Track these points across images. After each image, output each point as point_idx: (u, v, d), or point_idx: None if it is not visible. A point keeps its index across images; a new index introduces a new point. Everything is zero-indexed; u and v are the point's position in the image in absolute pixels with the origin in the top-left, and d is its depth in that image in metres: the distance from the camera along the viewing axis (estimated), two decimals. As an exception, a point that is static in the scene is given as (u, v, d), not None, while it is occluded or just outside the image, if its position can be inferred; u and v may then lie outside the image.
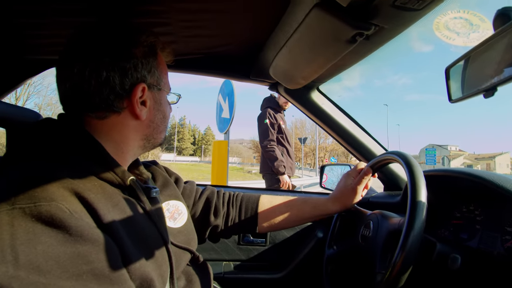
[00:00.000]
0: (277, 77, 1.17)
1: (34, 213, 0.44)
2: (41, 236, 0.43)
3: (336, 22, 0.72)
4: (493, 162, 49.99)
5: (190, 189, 0.96)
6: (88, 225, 0.48)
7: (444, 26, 0.70)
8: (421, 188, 0.70)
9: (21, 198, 0.45)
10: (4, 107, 1.00)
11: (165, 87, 0.75)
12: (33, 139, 0.60)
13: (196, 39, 1.06)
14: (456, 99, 0.66)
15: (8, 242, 0.41)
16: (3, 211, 0.44)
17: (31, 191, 0.46)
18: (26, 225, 0.43)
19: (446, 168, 0.91)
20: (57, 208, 0.46)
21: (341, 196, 0.97)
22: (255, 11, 0.88)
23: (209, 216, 0.94)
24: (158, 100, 0.72)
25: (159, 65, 0.72)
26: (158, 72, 0.71)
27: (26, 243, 0.42)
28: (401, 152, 0.83)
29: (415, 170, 0.74)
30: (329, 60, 0.90)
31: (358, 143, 1.33)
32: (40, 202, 0.45)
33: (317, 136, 43.99)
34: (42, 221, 0.44)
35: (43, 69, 1.24)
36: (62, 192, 0.49)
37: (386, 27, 0.74)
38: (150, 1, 0.81)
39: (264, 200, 1.01)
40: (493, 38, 0.53)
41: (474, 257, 0.74)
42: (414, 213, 0.67)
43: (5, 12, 0.85)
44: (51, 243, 0.43)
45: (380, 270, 0.75)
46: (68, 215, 0.46)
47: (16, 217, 0.43)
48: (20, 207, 0.44)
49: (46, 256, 0.42)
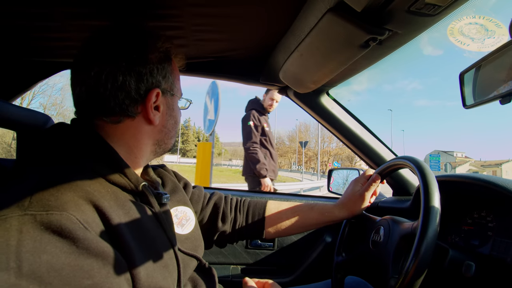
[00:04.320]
0: (287, 81, 1.18)
1: (44, 221, 0.44)
2: (47, 246, 0.43)
3: (350, 27, 0.72)
4: (500, 169, 49.36)
5: (199, 194, 0.96)
6: (96, 238, 0.48)
7: (459, 31, 0.70)
8: (434, 193, 0.69)
9: (34, 204, 0.45)
10: (15, 110, 1.01)
11: (178, 92, 0.75)
12: (49, 144, 0.60)
13: (207, 43, 1.06)
14: (471, 105, 0.65)
15: (14, 249, 0.41)
16: (14, 216, 0.44)
17: (45, 198, 0.46)
18: (34, 233, 0.43)
19: (459, 174, 0.90)
20: (67, 219, 0.46)
21: (348, 202, 0.97)
22: (267, 15, 0.88)
23: (217, 222, 0.94)
24: (171, 106, 0.73)
25: (173, 70, 0.73)
26: (172, 78, 0.72)
27: (31, 252, 0.42)
28: (412, 157, 0.83)
29: (428, 175, 0.73)
30: (341, 64, 0.91)
31: (367, 148, 1.32)
32: (52, 211, 0.45)
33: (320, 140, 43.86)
34: (51, 230, 0.44)
35: (54, 71, 1.25)
36: (77, 201, 0.49)
37: (400, 32, 0.74)
38: (163, 5, 0.81)
39: (271, 206, 1.01)
40: (509, 44, 0.53)
41: (487, 264, 0.73)
42: (428, 218, 0.66)
43: (16, 15, 0.86)
44: (57, 253, 0.43)
45: (394, 274, 0.75)
46: (77, 226, 0.46)
47: (25, 224, 0.43)
48: (31, 214, 0.44)
49: (49, 267, 0.42)
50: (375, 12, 0.68)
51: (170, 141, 0.75)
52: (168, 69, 0.71)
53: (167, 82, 0.70)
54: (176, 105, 0.76)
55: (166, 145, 0.74)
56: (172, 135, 0.75)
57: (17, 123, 1.05)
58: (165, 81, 0.70)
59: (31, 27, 0.93)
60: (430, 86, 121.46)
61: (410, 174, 1.28)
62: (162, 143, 0.73)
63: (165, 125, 0.72)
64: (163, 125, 0.71)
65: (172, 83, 0.72)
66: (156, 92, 0.67)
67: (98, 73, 0.62)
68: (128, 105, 0.64)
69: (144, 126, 0.68)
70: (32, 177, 0.51)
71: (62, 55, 1.14)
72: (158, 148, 0.73)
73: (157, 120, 0.69)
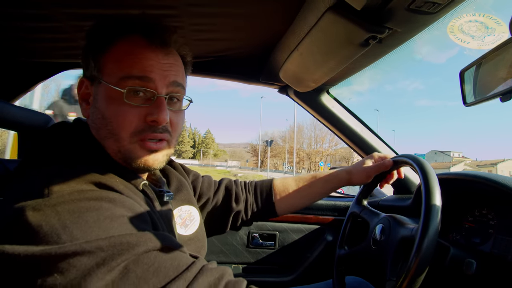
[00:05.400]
0: (287, 80, 1.18)
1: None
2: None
3: (350, 25, 0.72)
4: (495, 169, 49.07)
5: (209, 181, 0.97)
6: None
7: (459, 29, 0.70)
8: (435, 192, 0.69)
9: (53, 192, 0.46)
10: (17, 111, 1.01)
11: (111, 78, 0.57)
12: (55, 144, 0.59)
13: (207, 43, 1.06)
14: (471, 102, 0.65)
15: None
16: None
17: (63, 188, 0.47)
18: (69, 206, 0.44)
19: (460, 172, 0.90)
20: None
21: (353, 170, 0.98)
22: (267, 15, 0.88)
23: (231, 203, 0.95)
24: (96, 95, 0.60)
25: (109, 52, 0.59)
26: (101, 62, 0.59)
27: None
28: (413, 155, 0.83)
29: (429, 173, 0.73)
30: (341, 63, 0.90)
31: (368, 147, 1.32)
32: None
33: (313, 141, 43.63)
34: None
35: (54, 72, 1.25)
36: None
37: (400, 30, 0.74)
38: (163, 6, 0.82)
39: (277, 182, 1.03)
40: (510, 42, 0.53)
41: (488, 261, 0.73)
42: (429, 218, 0.66)
43: (15, 16, 0.86)
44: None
45: (391, 277, 0.75)
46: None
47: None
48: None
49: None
50: (374, 11, 0.68)
51: (107, 144, 0.59)
52: (97, 52, 0.59)
53: (92, 68, 0.59)
54: (103, 94, 0.58)
55: (106, 149, 0.59)
56: (104, 135, 0.58)
57: (18, 124, 1.05)
58: (89, 67, 0.60)
59: (30, 28, 0.93)
60: (431, 86, 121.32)
61: (411, 172, 1.28)
62: (107, 147, 0.59)
63: (93, 120, 0.60)
64: (92, 120, 0.60)
65: (101, 68, 0.58)
66: (81, 80, 0.62)
67: None
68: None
69: (88, 121, 0.62)
70: (39, 175, 0.50)
71: (61, 56, 1.14)
72: (115, 154, 0.59)
73: (87, 113, 0.61)
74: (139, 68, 0.57)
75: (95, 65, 0.59)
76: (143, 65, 0.57)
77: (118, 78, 0.56)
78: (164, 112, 0.58)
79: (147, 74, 0.57)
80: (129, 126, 0.57)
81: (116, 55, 0.58)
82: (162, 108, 0.58)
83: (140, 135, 0.57)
